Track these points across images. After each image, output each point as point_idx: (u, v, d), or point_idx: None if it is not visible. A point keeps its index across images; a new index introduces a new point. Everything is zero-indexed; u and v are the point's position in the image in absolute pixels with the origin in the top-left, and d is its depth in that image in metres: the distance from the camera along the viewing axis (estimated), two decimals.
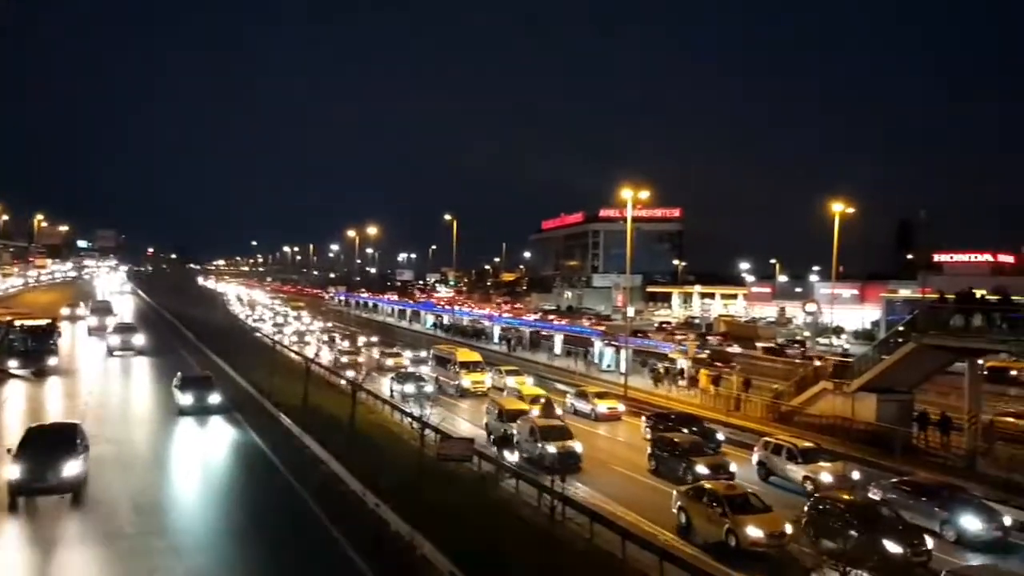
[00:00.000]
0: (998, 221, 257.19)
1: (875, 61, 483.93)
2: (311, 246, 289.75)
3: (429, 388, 49.33)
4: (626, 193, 53.22)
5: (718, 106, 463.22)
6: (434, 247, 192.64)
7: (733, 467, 31.17)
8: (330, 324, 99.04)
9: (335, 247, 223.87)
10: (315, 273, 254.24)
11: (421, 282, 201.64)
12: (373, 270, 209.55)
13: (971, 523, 24.15)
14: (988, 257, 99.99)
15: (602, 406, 44.05)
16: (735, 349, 74.31)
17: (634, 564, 21.20)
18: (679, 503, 25.82)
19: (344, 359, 62.05)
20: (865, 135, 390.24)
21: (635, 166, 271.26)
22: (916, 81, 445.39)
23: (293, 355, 63.67)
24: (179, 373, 42.17)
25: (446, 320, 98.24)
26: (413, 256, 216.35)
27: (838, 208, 60.83)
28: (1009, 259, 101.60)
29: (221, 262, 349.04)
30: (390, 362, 61.80)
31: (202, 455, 32.23)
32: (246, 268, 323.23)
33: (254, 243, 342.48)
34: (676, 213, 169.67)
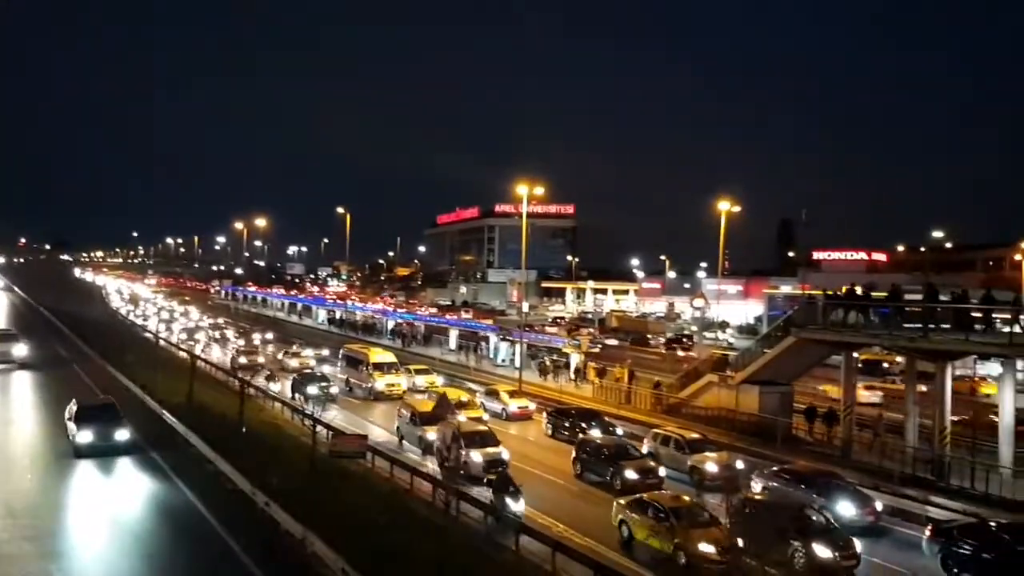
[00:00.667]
0: (874, 221, 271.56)
1: (772, 58, 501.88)
2: (196, 238, 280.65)
3: (334, 389, 46.98)
4: (521, 189, 53.62)
5: (613, 105, 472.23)
6: (326, 240, 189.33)
7: (662, 471, 29.64)
8: (221, 320, 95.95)
9: (222, 239, 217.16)
10: (196, 266, 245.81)
11: (312, 276, 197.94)
12: (262, 263, 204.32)
13: (846, 509, 25.32)
14: (863, 255, 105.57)
15: (513, 405, 42.84)
16: (612, 342, 75.86)
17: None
18: (620, 516, 24.01)
19: (243, 359, 58.79)
20: (754, 134, 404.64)
21: (530, 163, 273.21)
22: (799, 81, 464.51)
23: (182, 353, 61.14)
24: (73, 401, 32.82)
25: (339, 315, 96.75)
26: (304, 249, 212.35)
27: (724, 207, 62.82)
28: (882, 257, 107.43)
29: (99, 253, 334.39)
30: (293, 362, 58.40)
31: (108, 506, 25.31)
32: (127, 260, 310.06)
33: (135, 234, 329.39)
34: (570, 210, 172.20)
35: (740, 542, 21.47)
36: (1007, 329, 28.57)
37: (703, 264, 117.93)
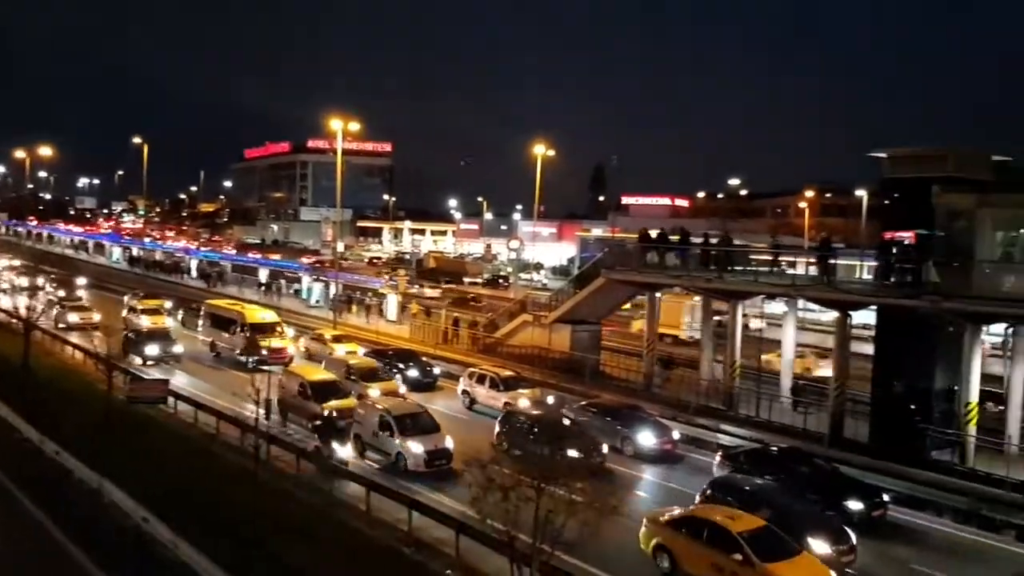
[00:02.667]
0: (680, 168, 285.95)
1: (593, 8, 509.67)
2: None
3: (177, 349, 39.99)
4: (335, 123, 52.02)
5: (432, 42, 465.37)
6: (121, 173, 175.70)
7: (605, 448, 25.43)
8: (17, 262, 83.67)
9: (0, 169, 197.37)
10: None
11: (107, 211, 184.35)
12: (48, 196, 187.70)
13: (646, 438, 27.05)
14: (667, 201, 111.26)
15: (341, 350, 39.51)
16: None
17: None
18: (656, 539, 18.70)
19: (73, 317, 46.92)
20: (571, 82, 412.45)
21: (345, 99, 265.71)
22: (623, 28, 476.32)
23: None
24: None
25: (135, 252, 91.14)
26: (96, 182, 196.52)
27: (540, 151, 63.96)
28: (684, 203, 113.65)
29: None
30: (144, 321, 45.20)
31: None
32: None
33: None
34: (387, 148, 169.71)
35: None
36: (791, 271, 31.14)
37: (519, 207, 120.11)
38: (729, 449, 25.75)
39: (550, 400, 31.88)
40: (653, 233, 36.12)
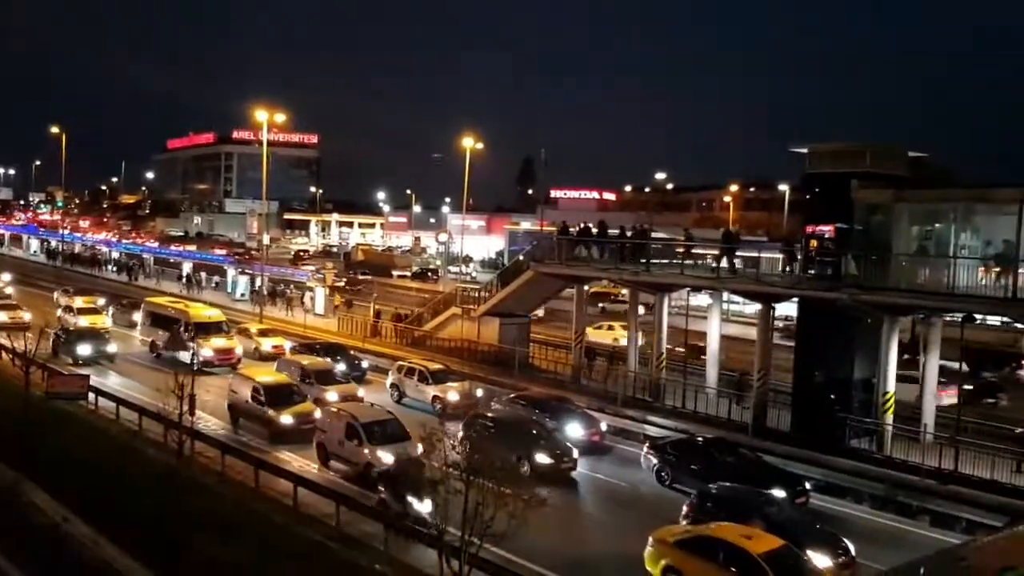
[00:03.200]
0: (607, 162, 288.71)
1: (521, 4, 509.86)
2: None
3: (111, 348, 38.00)
4: (261, 115, 51.14)
5: (359, 35, 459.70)
6: (38, 163, 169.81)
7: (575, 453, 25.00)
8: None
9: None
10: None
11: (23, 202, 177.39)
12: None
13: (575, 430, 27.26)
14: (595, 194, 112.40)
15: (267, 344, 39.98)
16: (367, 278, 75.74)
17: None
18: (666, 561, 17.15)
19: (1, 316, 42.90)
20: (500, 73, 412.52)
21: (271, 92, 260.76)
22: (553, 23, 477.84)
23: None
24: None
25: (54, 245, 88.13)
26: (12, 172, 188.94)
27: (468, 143, 63.88)
28: (612, 196, 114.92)
29: None
30: (82, 321, 42.97)
31: None
32: None
33: None
34: (314, 139, 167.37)
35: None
36: (714, 264, 31.72)
37: (448, 199, 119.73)
38: (656, 440, 26.15)
39: (479, 393, 31.89)
40: (573, 229, 36.51)
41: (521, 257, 40.48)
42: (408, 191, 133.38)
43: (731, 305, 45.97)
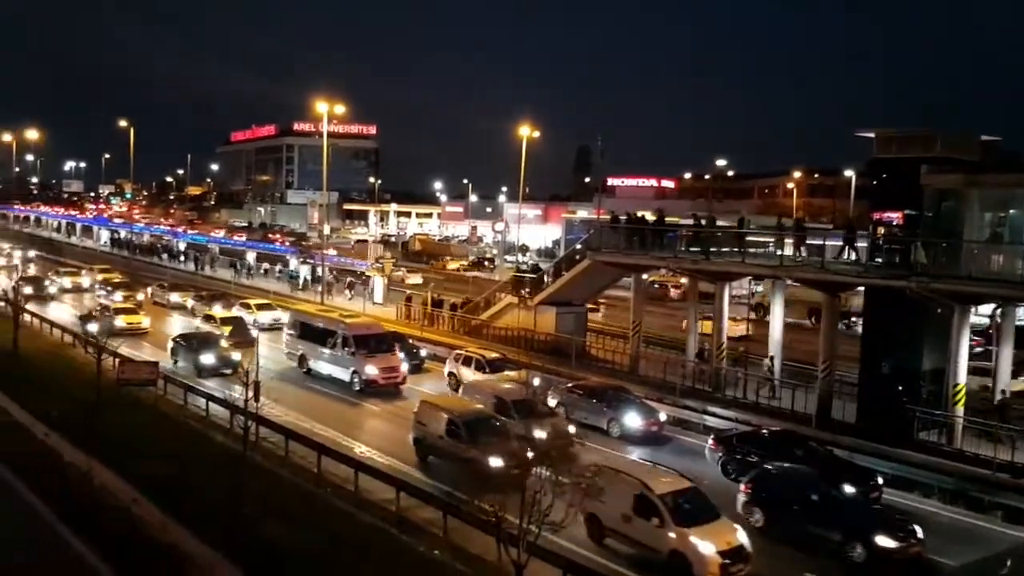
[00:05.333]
0: (667, 148, 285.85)
1: None
2: None
3: (236, 356, 32.80)
4: (321, 106, 51.79)
5: (419, 27, 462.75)
6: (107, 156, 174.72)
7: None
8: (32, 253, 76.49)
9: None
10: None
11: (93, 195, 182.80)
12: (35, 179, 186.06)
13: (632, 420, 27.08)
14: (653, 182, 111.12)
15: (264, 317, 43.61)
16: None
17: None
18: None
19: (119, 322, 39.08)
20: (557, 64, 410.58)
21: (331, 83, 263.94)
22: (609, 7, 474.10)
23: None
24: None
25: (123, 236, 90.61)
26: (83, 165, 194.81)
27: (525, 132, 63.72)
28: (671, 184, 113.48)
29: None
30: (197, 324, 41.44)
31: None
32: None
33: None
34: (372, 130, 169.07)
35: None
36: (778, 252, 31.09)
37: (504, 189, 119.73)
38: (721, 432, 25.75)
39: (536, 382, 31.85)
40: (623, 217, 36.54)
41: (578, 246, 40.26)
42: (465, 180, 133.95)
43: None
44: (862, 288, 28.67)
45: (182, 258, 75.85)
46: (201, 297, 49.87)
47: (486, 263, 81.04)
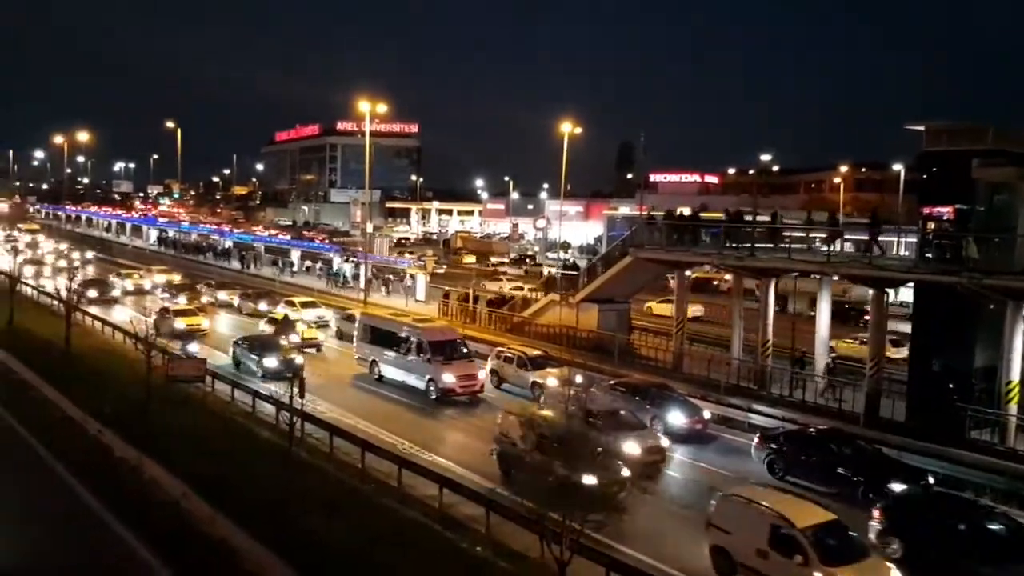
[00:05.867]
0: (708, 144, 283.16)
1: None
2: (11, 152, 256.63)
3: (299, 359, 32.36)
4: (363, 106, 52.15)
5: (457, 27, 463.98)
6: (156, 156, 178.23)
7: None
8: (90, 254, 79.69)
9: (40, 154, 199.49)
10: (18, 184, 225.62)
11: (142, 194, 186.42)
12: (86, 180, 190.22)
13: (676, 418, 26.85)
14: (696, 178, 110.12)
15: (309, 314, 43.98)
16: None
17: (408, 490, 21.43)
18: None
19: (179, 324, 40.43)
20: (597, 60, 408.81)
21: (372, 82, 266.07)
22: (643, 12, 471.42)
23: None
24: None
25: (171, 235, 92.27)
26: (132, 166, 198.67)
27: (566, 129, 63.51)
28: (714, 179, 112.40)
29: None
30: (262, 329, 39.65)
31: None
32: None
33: None
34: (414, 128, 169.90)
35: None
36: (824, 248, 30.66)
37: (545, 185, 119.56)
38: (767, 431, 25.42)
39: (578, 379, 31.67)
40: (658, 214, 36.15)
41: (620, 242, 40.06)
42: (506, 178, 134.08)
43: None
44: (911, 284, 28.13)
45: (230, 257, 77.09)
46: (247, 295, 50.56)
47: (527, 260, 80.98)
